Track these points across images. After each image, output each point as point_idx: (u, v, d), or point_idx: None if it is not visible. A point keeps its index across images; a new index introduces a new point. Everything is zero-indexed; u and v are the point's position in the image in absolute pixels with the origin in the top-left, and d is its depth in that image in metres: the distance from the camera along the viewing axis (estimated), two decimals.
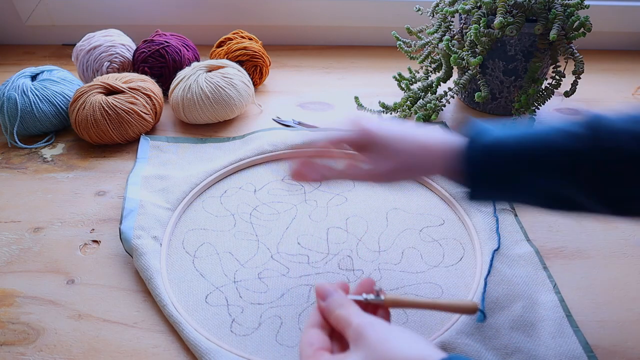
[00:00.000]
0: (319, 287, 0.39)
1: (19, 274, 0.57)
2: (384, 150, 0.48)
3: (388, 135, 0.48)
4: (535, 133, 0.43)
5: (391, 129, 0.48)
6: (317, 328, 0.38)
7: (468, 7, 0.76)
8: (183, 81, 0.79)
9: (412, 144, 0.47)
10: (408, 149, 0.47)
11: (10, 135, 0.78)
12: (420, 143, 0.47)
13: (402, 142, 0.47)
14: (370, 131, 0.48)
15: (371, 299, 0.39)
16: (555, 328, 0.50)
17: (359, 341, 0.34)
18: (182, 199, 0.66)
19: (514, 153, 0.43)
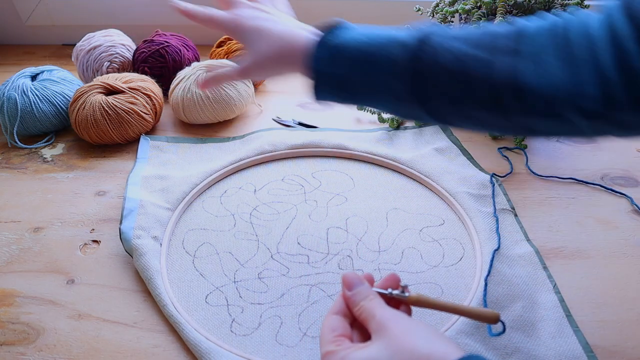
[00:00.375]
0: (346, 276, 0.40)
1: (19, 274, 0.57)
2: (249, 42, 0.51)
3: (254, 26, 0.51)
4: (380, 38, 0.45)
5: (260, 22, 0.51)
6: (339, 315, 0.39)
7: (468, 7, 0.76)
8: (183, 81, 0.79)
9: (273, 38, 0.50)
10: (268, 42, 0.50)
11: (10, 135, 0.78)
12: (282, 38, 0.50)
13: (266, 36, 0.50)
14: (240, 22, 0.52)
15: (396, 294, 0.39)
16: (555, 328, 0.50)
17: (381, 333, 0.35)
18: (182, 199, 0.66)
19: (353, 57, 0.45)
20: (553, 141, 0.80)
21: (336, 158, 0.75)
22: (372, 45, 0.45)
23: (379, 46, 0.45)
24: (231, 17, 0.53)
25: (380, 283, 0.41)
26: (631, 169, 0.73)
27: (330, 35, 0.47)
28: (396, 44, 0.44)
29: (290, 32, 0.50)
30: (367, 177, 0.72)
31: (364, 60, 0.45)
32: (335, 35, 0.47)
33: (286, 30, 0.50)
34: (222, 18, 0.53)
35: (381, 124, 0.83)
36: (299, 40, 0.49)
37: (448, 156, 0.74)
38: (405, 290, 0.40)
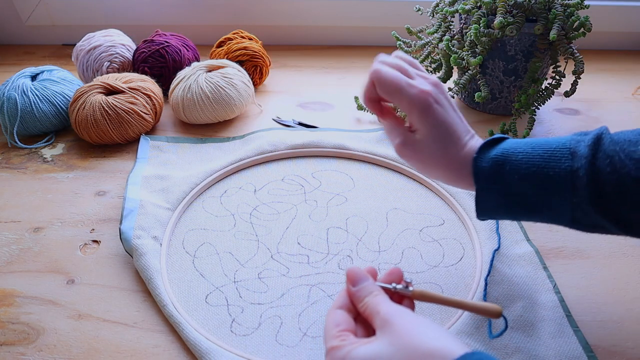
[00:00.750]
0: (350, 272, 0.40)
1: (19, 274, 0.57)
2: (420, 126, 0.47)
3: (442, 120, 0.46)
4: (543, 148, 0.43)
5: (441, 114, 0.46)
6: (343, 310, 0.39)
7: (468, 7, 0.76)
8: (183, 81, 0.79)
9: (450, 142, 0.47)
10: (445, 146, 0.47)
11: (10, 135, 0.78)
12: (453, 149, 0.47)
13: (439, 129, 0.46)
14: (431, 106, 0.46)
15: (400, 289, 0.39)
16: (555, 328, 0.50)
17: (385, 328, 0.35)
18: (182, 199, 0.66)
19: (520, 169, 0.43)
20: None
21: (336, 158, 0.75)
22: (539, 154, 0.43)
23: (548, 155, 0.42)
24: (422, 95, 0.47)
25: (384, 277, 0.41)
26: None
27: (491, 146, 0.46)
28: (566, 153, 0.42)
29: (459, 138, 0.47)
30: (367, 177, 0.72)
31: (533, 171, 0.42)
32: (496, 145, 0.45)
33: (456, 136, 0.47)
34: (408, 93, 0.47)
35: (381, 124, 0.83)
36: (467, 153, 0.46)
37: None
38: (409, 285, 0.40)
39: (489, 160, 0.44)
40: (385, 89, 0.46)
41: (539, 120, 0.85)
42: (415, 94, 0.45)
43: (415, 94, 0.45)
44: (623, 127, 0.84)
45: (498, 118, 0.86)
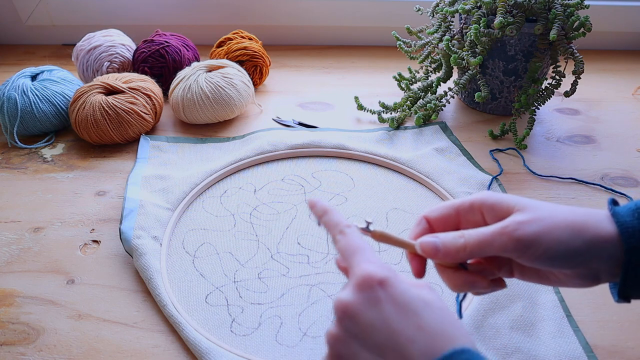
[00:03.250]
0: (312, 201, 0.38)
1: (19, 274, 0.57)
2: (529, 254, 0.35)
3: (538, 232, 0.35)
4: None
5: (537, 224, 0.35)
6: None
7: (468, 7, 0.76)
8: (183, 81, 0.79)
9: (568, 237, 0.35)
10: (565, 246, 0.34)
11: (10, 135, 0.78)
12: (576, 233, 0.35)
13: (553, 234, 0.35)
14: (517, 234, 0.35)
15: (362, 228, 0.37)
16: (555, 328, 0.50)
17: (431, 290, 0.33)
18: (182, 199, 0.66)
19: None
20: (553, 141, 0.80)
21: (336, 158, 0.75)
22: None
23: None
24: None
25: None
26: (631, 169, 0.73)
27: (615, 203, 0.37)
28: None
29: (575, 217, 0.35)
30: (367, 177, 0.72)
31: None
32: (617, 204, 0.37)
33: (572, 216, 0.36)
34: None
35: (381, 124, 0.83)
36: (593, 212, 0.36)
37: (448, 156, 0.74)
38: (369, 225, 0.38)
39: (630, 213, 0.35)
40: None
41: (539, 120, 0.85)
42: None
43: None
44: (623, 127, 0.85)
45: (498, 118, 0.86)
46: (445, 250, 0.36)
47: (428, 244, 0.37)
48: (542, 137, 0.81)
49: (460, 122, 0.85)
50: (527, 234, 0.34)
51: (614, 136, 0.81)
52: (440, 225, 0.39)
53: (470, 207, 0.38)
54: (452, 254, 0.36)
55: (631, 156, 0.76)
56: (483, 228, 0.36)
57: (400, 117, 0.81)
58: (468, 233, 0.36)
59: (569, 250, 0.34)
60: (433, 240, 0.37)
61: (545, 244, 0.34)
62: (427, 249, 0.37)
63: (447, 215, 0.39)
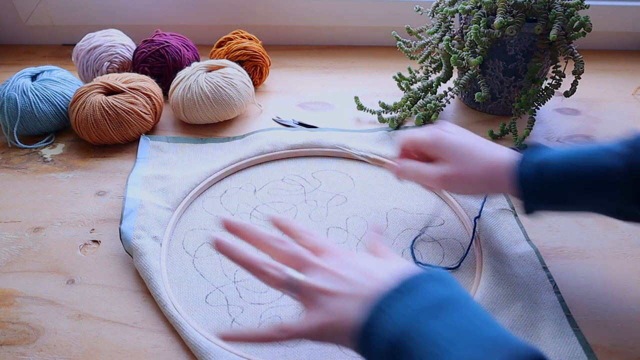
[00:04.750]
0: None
1: (19, 274, 0.57)
2: (451, 156, 0.53)
3: (458, 142, 0.53)
4: (582, 151, 0.47)
5: (461, 138, 0.53)
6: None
7: (468, 7, 0.76)
8: (183, 81, 0.79)
9: (477, 156, 0.52)
10: (473, 159, 0.52)
11: (10, 135, 0.78)
12: (485, 157, 0.51)
13: (469, 152, 0.52)
14: (441, 135, 0.54)
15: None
16: (555, 328, 0.50)
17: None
18: (182, 199, 0.66)
19: (561, 171, 0.47)
20: (553, 141, 0.80)
21: (336, 158, 0.75)
22: (578, 157, 0.47)
23: (586, 157, 0.46)
24: (433, 132, 0.55)
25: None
26: None
27: (532, 154, 0.49)
28: (606, 153, 0.46)
29: (492, 151, 0.52)
30: (367, 177, 0.72)
31: (573, 172, 0.46)
32: (537, 153, 0.49)
33: (488, 149, 0.52)
34: (424, 135, 0.55)
35: (381, 124, 0.83)
36: (502, 160, 0.50)
37: None
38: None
39: (532, 167, 0.48)
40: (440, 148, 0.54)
41: (539, 120, 0.85)
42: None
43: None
44: (623, 127, 0.85)
45: (498, 118, 0.86)
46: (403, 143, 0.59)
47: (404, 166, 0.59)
48: (542, 137, 0.81)
49: (460, 122, 0.85)
50: (450, 186, 0.54)
51: (614, 136, 0.81)
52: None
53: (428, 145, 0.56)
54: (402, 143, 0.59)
55: None
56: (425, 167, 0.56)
57: (400, 117, 0.81)
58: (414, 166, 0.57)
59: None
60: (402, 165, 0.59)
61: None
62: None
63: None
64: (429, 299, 0.35)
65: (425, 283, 0.36)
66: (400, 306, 0.35)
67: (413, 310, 0.34)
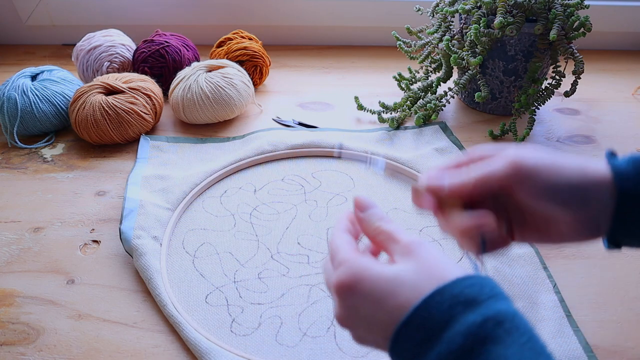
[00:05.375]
0: (358, 198, 0.39)
1: (19, 274, 0.57)
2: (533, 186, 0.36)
3: (538, 163, 0.35)
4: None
5: (538, 156, 0.36)
6: (348, 234, 0.38)
7: (468, 7, 0.76)
8: (183, 81, 0.79)
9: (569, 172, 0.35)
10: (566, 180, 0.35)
11: (10, 135, 0.78)
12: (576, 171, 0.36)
13: (556, 165, 0.36)
14: (518, 160, 0.35)
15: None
16: (555, 328, 0.50)
17: (410, 256, 0.34)
18: (182, 199, 0.66)
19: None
20: (553, 141, 0.80)
21: (336, 158, 0.75)
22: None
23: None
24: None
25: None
26: None
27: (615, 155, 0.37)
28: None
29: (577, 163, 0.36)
30: (367, 177, 0.72)
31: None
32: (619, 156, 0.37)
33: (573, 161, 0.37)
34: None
35: (381, 124, 0.83)
36: (597, 165, 0.36)
37: (448, 156, 0.74)
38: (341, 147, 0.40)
39: (625, 161, 0.36)
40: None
41: (539, 120, 0.85)
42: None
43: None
44: (623, 127, 0.85)
45: (498, 118, 0.86)
46: (451, 184, 0.37)
47: (434, 177, 0.38)
48: (542, 137, 0.81)
49: (460, 122, 0.85)
50: (529, 160, 0.35)
51: (614, 136, 0.81)
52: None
53: (471, 162, 0.39)
54: (458, 187, 0.37)
55: None
56: (486, 161, 0.37)
57: (400, 117, 0.81)
58: (472, 167, 0.37)
59: (570, 185, 0.35)
60: (440, 175, 0.38)
61: (547, 174, 0.35)
62: (433, 183, 0.38)
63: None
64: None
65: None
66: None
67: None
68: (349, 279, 0.33)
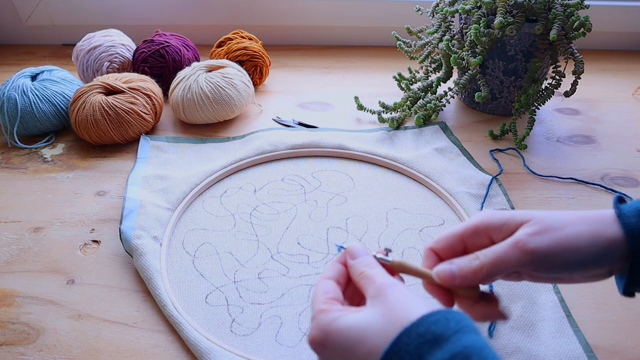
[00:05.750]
0: (350, 247, 0.40)
1: (19, 274, 0.57)
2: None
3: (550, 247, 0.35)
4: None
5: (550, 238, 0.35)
6: (333, 281, 0.38)
7: (468, 7, 0.76)
8: (183, 81, 0.79)
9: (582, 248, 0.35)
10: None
11: (10, 135, 0.78)
12: (581, 212, 0.36)
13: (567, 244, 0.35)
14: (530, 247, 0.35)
15: (379, 258, 0.39)
16: (555, 328, 0.50)
17: (379, 298, 0.34)
18: (182, 199, 0.66)
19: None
20: (553, 141, 0.80)
21: (336, 158, 0.75)
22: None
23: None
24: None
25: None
26: (631, 169, 0.73)
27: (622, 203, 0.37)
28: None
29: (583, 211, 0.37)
30: (367, 177, 0.72)
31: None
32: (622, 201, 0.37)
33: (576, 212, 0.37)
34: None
35: (381, 124, 0.83)
36: (604, 212, 0.36)
37: (448, 156, 0.74)
38: (389, 253, 0.40)
39: (636, 214, 0.35)
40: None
41: (539, 120, 0.85)
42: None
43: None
44: (623, 127, 0.85)
45: (498, 118, 0.86)
46: (462, 275, 0.36)
47: (444, 271, 0.37)
48: (542, 137, 0.81)
49: (460, 122, 0.85)
50: (542, 245, 0.35)
51: (614, 136, 0.81)
52: (447, 254, 0.40)
53: (475, 232, 0.38)
54: (470, 277, 0.36)
55: (631, 156, 0.76)
56: (496, 246, 0.36)
57: (400, 117, 0.81)
58: (482, 253, 0.36)
59: (586, 258, 0.35)
60: (449, 267, 0.37)
61: (563, 254, 0.35)
62: (444, 277, 0.37)
63: (453, 244, 0.39)
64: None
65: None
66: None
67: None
68: (319, 335, 0.34)
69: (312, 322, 0.35)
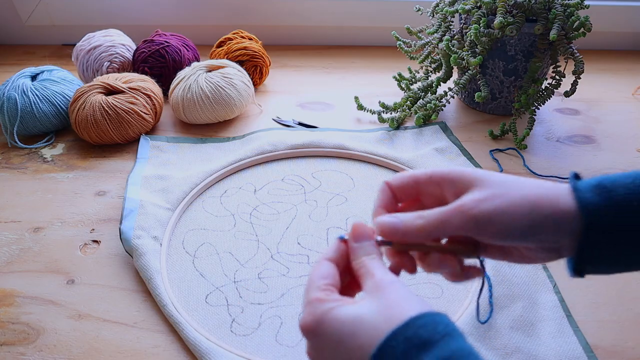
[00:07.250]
0: (356, 226, 0.39)
1: (19, 274, 0.57)
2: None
3: (491, 213, 0.34)
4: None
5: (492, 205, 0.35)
6: (332, 263, 0.38)
7: (468, 7, 0.76)
8: (183, 81, 0.79)
9: (517, 181, 0.36)
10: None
11: (10, 135, 0.78)
12: (529, 182, 0.36)
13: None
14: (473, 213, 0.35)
15: (381, 240, 0.38)
16: (555, 328, 0.50)
17: (377, 294, 0.34)
18: (182, 199, 0.66)
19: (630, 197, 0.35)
20: (553, 141, 0.80)
21: (336, 158, 0.75)
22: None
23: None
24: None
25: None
26: (631, 169, 0.73)
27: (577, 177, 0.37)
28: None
29: (536, 180, 0.36)
30: (367, 177, 0.72)
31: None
32: (580, 178, 0.37)
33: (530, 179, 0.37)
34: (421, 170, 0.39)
35: (381, 124, 0.83)
36: (554, 186, 0.36)
37: (448, 156, 0.74)
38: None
39: (590, 189, 0.35)
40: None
41: (539, 120, 0.85)
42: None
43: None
44: (623, 127, 0.85)
45: (498, 118, 0.86)
46: (405, 230, 0.37)
47: (388, 222, 0.38)
48: (542, 137, 0.81)
49: (460, 122, 0.85)
50: (483, 212, 0.34)
51: (614, 136, 0.81)
52: (402, 194, 0.40)
53: (430, 180, 0.38)
54: (413, 233, 0.36)
55: (631, 156, 0.76)
56: (441, 208, 0.36)
57: (400, 117, 0.81)
58: (427, 213, 0.36)
59: (527, 226, 0.34)
60: (393, 220, 0.37)
61: (502, 221, 0.34)
62: (386, 227, 0.37)
63: (407, 184, 0.40)
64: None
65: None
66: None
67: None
68: (312, 323, 0.34)
69: (307, 308, 0.35)
